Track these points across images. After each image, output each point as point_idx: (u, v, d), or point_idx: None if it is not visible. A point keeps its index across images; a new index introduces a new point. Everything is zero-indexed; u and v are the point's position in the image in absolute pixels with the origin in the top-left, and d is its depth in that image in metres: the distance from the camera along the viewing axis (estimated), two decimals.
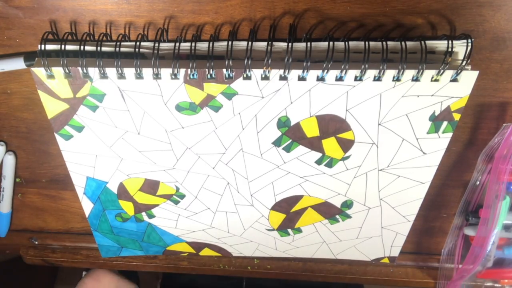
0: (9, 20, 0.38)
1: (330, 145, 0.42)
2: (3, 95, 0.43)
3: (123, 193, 0.47)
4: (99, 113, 0.40)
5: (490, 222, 0.46)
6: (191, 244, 0.53)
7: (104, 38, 0.37)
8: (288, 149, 0.43)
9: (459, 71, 0.36)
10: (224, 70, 0.36)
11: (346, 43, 0.35)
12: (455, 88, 0.37)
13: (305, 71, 0.36)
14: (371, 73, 0.36)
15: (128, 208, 0.49)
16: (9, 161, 0.48)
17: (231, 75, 0.37)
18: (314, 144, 0.42)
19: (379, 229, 0.51)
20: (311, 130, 0.41)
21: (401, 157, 0.43)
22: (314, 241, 0.53)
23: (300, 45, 0.36)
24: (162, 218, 0.50)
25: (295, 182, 0.46)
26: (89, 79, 0.37)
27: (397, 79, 0.37)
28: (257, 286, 0.57)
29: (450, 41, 0.36)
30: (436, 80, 0.37)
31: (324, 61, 0.35)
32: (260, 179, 0.46)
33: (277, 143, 0.42)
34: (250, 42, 0.35)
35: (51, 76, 0.37)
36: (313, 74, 0.36)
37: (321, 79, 0.37)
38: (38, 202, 0.53)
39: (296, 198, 0.48)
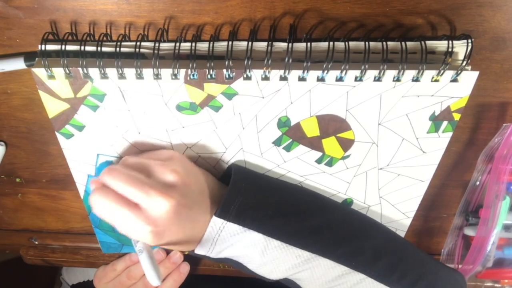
0: (9, 20, 0.38)
1: (330, 145, 0.42)
2: (3, 95, 0.43)
3: None
4: (99, 113, 0.40)
5: (490, 222, 0.46)
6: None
7: (105, 38, 0.37)
8: (288, 148, 0.43)
9: (459, 71, 0.36)
10: (225, 70, 0.36)
11: (346, 43, 0.35)
12: (455, 88, 0.37)
13: (305, 71, 0.36)
14: (371, 73, 0.36)
15: None
16: None
17: (231, 76, 0.37)
18: (314, 143, 0.42)
19: None
20: (311, 129, 0.41)
21: (401, 156, 0.43)
22: None
23: (300, 45, 0.36)
24: None
25: (295, 181, 0.46)
26: (89, 79, 0.37)
27: (397, 79, 0.37)
28: None
29: (450, 41, 0.36)
30: (436, 81, 0.37)
31: (324, 62, 0.35)
32: None
33: (277, 142, 0.42)
34: (250, 42, 0.35)
35: (51, 77, 0.37)
36: (313, 74, 0.36)
37: (321, 79, 0.37)
38: (38, 202, 0.53)
39: None
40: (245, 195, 0.40)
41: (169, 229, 0.37)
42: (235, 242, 0.40)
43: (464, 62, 0.35)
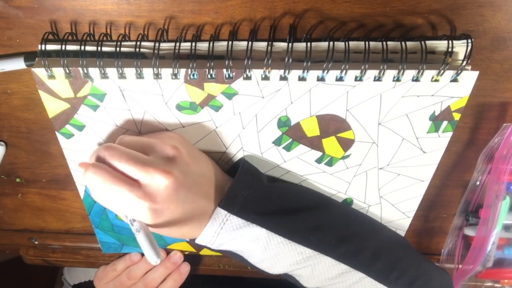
0: (9, 20, 0.38)
1: (330, 144, 0.42)
2: (4, 95, 0.43)
3: None
4: (100, 113, 0.40)
5: (490, 222, 0.46)
6: (191, 243, 0.53)
7: (105, 38, 0.37)
8: (288, 148, 0.43)
9: (459, 71, 0.36)
10: (224, 70, 0.36)
11: (346, 43, 0.35)
12: (455, 88, 0.37)
13: (305, 71, 0.36)
14: (371, 73, 0.36)
15: None
16: None
17: (231, 75, 0.37)
18: (314, 143, 0.42)
19: None
20: (312, 129, 0.41)
21: (401, 156, 0.43)
22: None
23: (300, 45, 0.36)
24: None
25: (295, 180, 0.46)
26: (89, 79, 0.37)
27: (397, 79, 0.37)
28: None
29: (450, 41, 0.36)
30: (436, 80, 0.37)
31: (324, 61, 0.35)
32: None
33: (277, 142, 0.42)
34: (250, 42, 0.35)
35: (51, 76, 0.37)
36: (313, 74, 0.36)
37: (321, 79, 0.37)
38: (38, 202, 0.53)
39: None
40: (251, 189, 0.40)
41: (167, 207, 0.36)
42: (237, 236, 0.39)
43: (464, 62, 0.35)
